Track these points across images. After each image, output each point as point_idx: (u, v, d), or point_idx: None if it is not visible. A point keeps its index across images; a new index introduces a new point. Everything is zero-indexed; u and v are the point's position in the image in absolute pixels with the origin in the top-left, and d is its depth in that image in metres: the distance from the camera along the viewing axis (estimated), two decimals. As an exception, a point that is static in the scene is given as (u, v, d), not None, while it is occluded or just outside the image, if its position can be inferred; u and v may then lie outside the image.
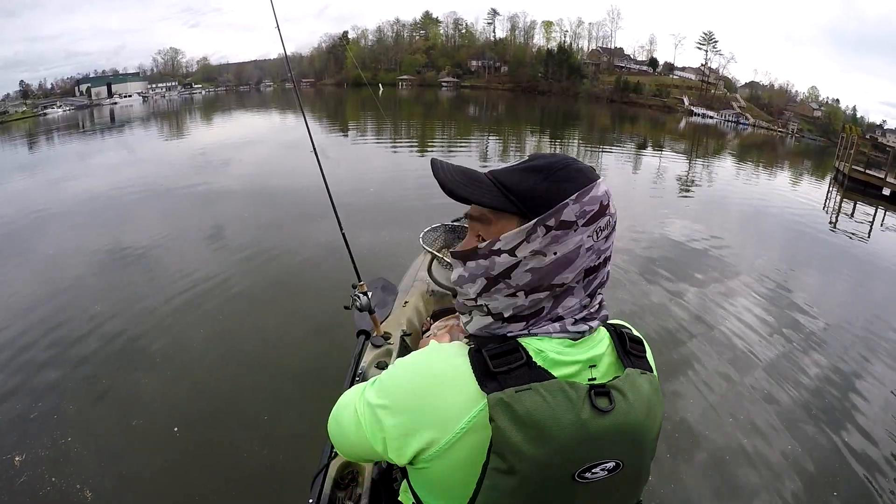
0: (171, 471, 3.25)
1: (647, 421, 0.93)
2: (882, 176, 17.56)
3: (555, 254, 0.91)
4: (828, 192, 17.85)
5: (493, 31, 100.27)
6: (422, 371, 0.94)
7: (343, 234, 3.22)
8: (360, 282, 2.84)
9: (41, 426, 3.60)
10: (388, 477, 1.17)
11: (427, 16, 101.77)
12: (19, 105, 69.96)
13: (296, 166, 11.42)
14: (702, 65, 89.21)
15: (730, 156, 29.08)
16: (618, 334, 1.00)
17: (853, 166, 19.18)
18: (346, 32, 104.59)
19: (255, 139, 21.72)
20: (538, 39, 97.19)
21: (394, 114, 38.48)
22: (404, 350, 2.76)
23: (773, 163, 29.07)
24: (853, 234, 11.35)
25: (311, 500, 1.88)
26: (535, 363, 0.89)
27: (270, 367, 4.42)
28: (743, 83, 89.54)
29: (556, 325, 0.94)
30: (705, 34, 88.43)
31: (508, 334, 0.95)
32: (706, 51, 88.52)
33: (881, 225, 12.96)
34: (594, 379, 0.93)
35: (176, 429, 3.60)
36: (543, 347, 0.92)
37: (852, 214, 13.91)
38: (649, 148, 27.05)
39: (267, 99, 66.49)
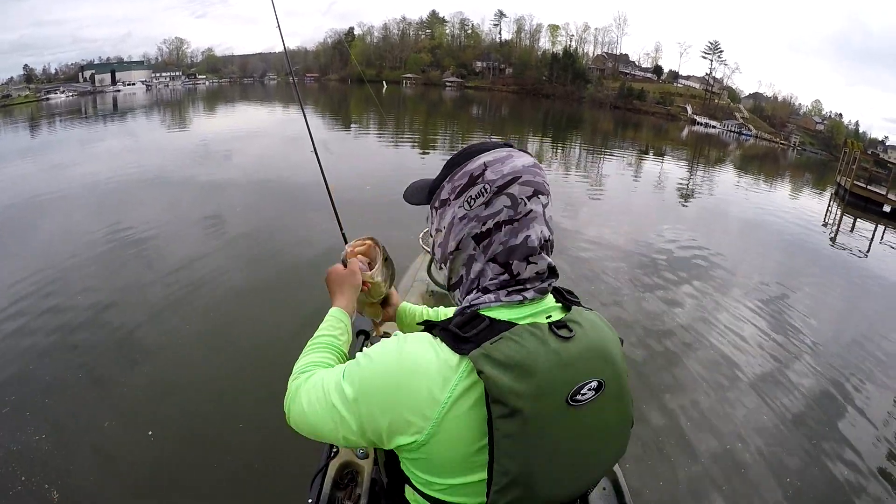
0: (156, 472, 3.14)
1: (607, 340, 1.05)
2: (883, 192, 17.53)
3: (441, 228, 1.11)
4: (828, 206, 17.84)
5: (499, 33, 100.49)
6: (393, 361, 1.00)
7: (343, 235, 3.22)
8: None
9: (15, 420, 3.50)
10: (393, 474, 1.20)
11: (433, 15, 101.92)
12: (22, 89, 69.87)
13: (298, 160, 11.30)
14: (706, 74, 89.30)
15: (731, 166, 29.05)
16: (556, 290, 1.12)
17: (855, 181, 19.15)
18: (351, 29, 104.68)
19: (257, 132, 21.68)
20: (544, 42, 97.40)
21: (397, 112, 38.44)
22: None
23: (775, 175, 29.11)
24: (852, 249, 11.31)
25: (310, 500, 1.89)
26: (496, 320, 1.00)
27: (268, 364, 4.19)
28: (747, 94, 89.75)
29: (491, 296, 1.05)
30: (711, 43, 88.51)
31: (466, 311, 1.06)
32: (711, 60, 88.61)
33: (880, 241, 12.90)
34: (550, 317, 1.04)
35: (161, 427, 3.49)
36: (496, 314, 1.03)
37: (852, 230, 13.89)
38: (651, 155, 27.00)
39: (270, 92, 66.48)
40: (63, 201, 9.43)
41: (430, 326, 1.04)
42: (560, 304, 1.10)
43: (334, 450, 2.08)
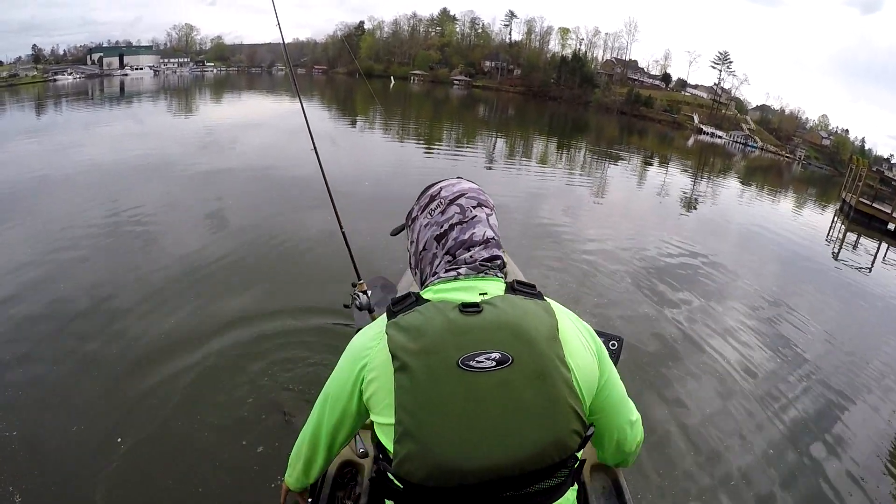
0: (125, 488, 2.94)
1: (525, 320, 1.14)
2: (888, 211, 17.50)
3: (413, 240, 1.42)
4: (832, 222, 17.77)
5: (510, 34, 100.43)
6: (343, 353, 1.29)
7: (343, 234, 3.22)
8: (359, 280, 2.94)
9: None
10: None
11: (444, 13, 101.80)
12: (30, 69, 69.93)
13: (299, 151, 11.25)
14: (714, 84, 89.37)
15: (735, 177, 28.98)
16: (510, 284, 1.27)
17: (860, 198, 19.12)
18: (361, 23, 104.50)
19: (263, 122, 21.60)
20: (553, 45, 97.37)
21: (402, 109, 38.36)
22: None
23: (779, 187, 29.09)
24: (855, 265, 11.26)
25: (309, 500, 1.85)
26: (421, 298, 1.21)
27: (266, 358, 4.12)
28: (754, 106, 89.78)
29: (435, 277, 1.32)
30: (720, 54, 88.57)
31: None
32: (720, 70, 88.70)
33: (883, 259, 12.87)
34: (485, 294, 1.22)
35: (132, 437, 3.33)
36: (432, 291, 1.26)
37: (855, 246, 13.84)
38: (655, 162, 26.91)
39: (277, 83, 66.29)
40: (66, 182, 9.35)
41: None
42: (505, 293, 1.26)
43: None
